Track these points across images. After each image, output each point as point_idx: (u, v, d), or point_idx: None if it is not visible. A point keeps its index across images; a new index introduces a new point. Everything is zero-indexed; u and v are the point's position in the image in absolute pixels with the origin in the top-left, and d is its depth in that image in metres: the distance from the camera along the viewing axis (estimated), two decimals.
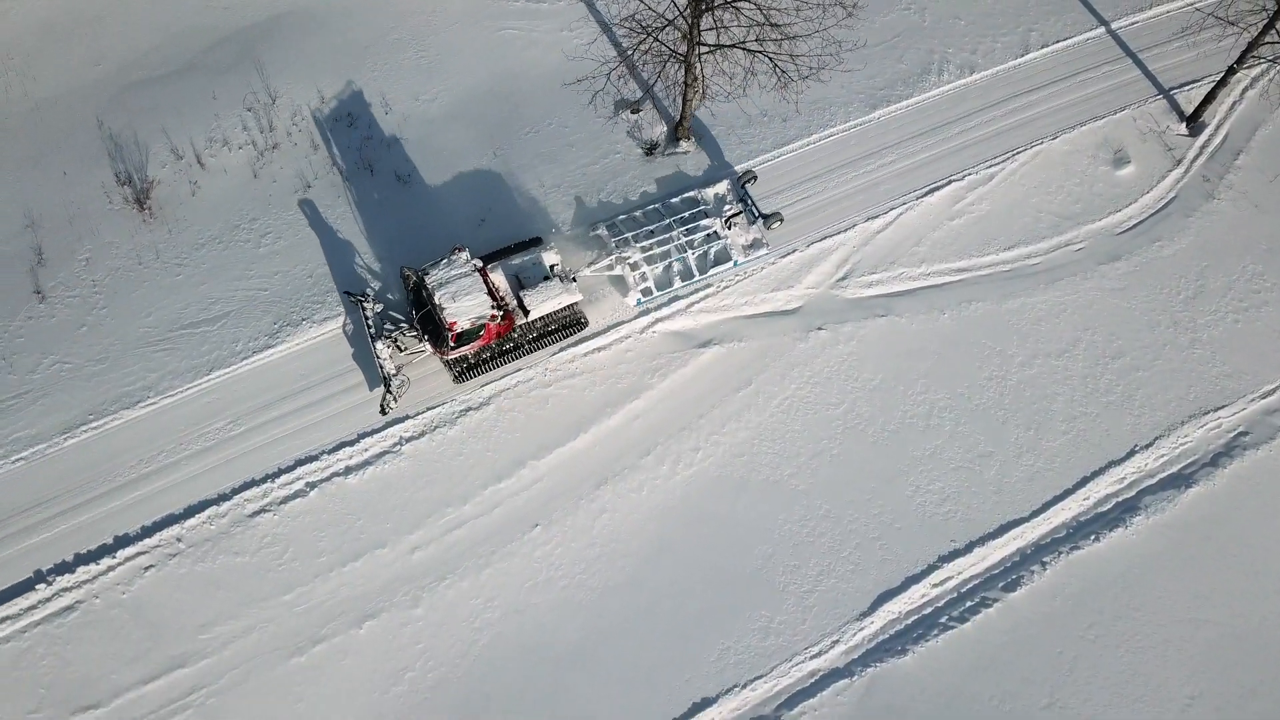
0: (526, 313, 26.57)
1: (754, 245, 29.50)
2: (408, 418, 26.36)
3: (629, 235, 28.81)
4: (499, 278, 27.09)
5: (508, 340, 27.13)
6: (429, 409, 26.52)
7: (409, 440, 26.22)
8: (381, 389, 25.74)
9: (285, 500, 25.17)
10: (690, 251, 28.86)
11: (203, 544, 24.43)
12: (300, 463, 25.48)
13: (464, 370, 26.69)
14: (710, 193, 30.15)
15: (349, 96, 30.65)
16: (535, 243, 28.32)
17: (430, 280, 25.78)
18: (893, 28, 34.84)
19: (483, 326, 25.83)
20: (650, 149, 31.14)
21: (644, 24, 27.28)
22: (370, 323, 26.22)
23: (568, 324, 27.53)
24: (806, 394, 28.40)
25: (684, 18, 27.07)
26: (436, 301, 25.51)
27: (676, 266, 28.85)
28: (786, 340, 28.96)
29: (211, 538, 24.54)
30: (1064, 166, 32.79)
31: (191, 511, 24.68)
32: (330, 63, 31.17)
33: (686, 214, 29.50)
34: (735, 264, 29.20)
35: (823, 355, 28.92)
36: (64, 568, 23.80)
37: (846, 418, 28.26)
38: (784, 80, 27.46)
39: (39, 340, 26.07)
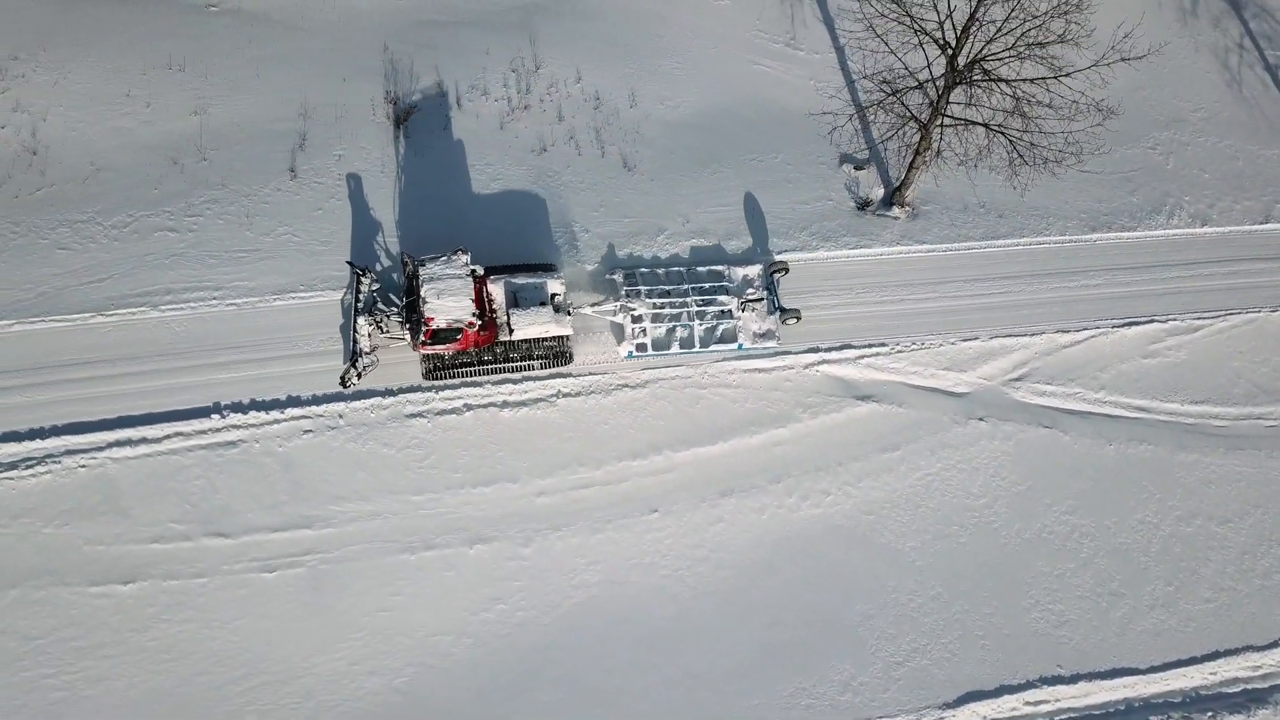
0: (510, 331, 27.13)
1: (766, 335, 29.25)
2: (570, 376, 28.28)
3: (642, 288, 28.97)
4: (498, 290, 27.53)
5: (488, 352, 27.46)
6: (590, 374, 28.38)
7: (566, 396, 28.03)
8: (350, 361, 26.32)
9: (441, 413, 27.30)
10: (698, 322, 28.82)
11: (360, 426, 26.78)
12: (465, 385, 27.63)
13: (437, 368, 27.18)
14: (739, 272, 30.05)
15: (602, 83, 33.46)
16: (549, 268, 28.80)
17: (423, 273, 26.42)
18: (1134, 161, 35.30)
19: (460, 331, 26.18)
20: (863, 205, 32.55)
21: (892, 84, 29.02)
22: (361, 298, 27.10)
23: (552, 354, 27.86)
24: (950, 477, 28.70)
25: (935, 85, 28.64)
26: (421, 295, 26.14)
27: (680, 332, 28.76)
28: (945, 420, 29.41)
29: (369, 424, 26.87)
30: (1277, 340, 32.22)
31: (359, 396, 27.05)
32: (595, 50, 34.17)
33: (707, 285, 29.54)
34: (740, 348, 28.95)
35: (977, 445, 29.22)
36: (239, 408, 26.52)
37: (984, 512, 28.36)
38: (1017, 166, 28.52)
39: (280, 211, 29.40)
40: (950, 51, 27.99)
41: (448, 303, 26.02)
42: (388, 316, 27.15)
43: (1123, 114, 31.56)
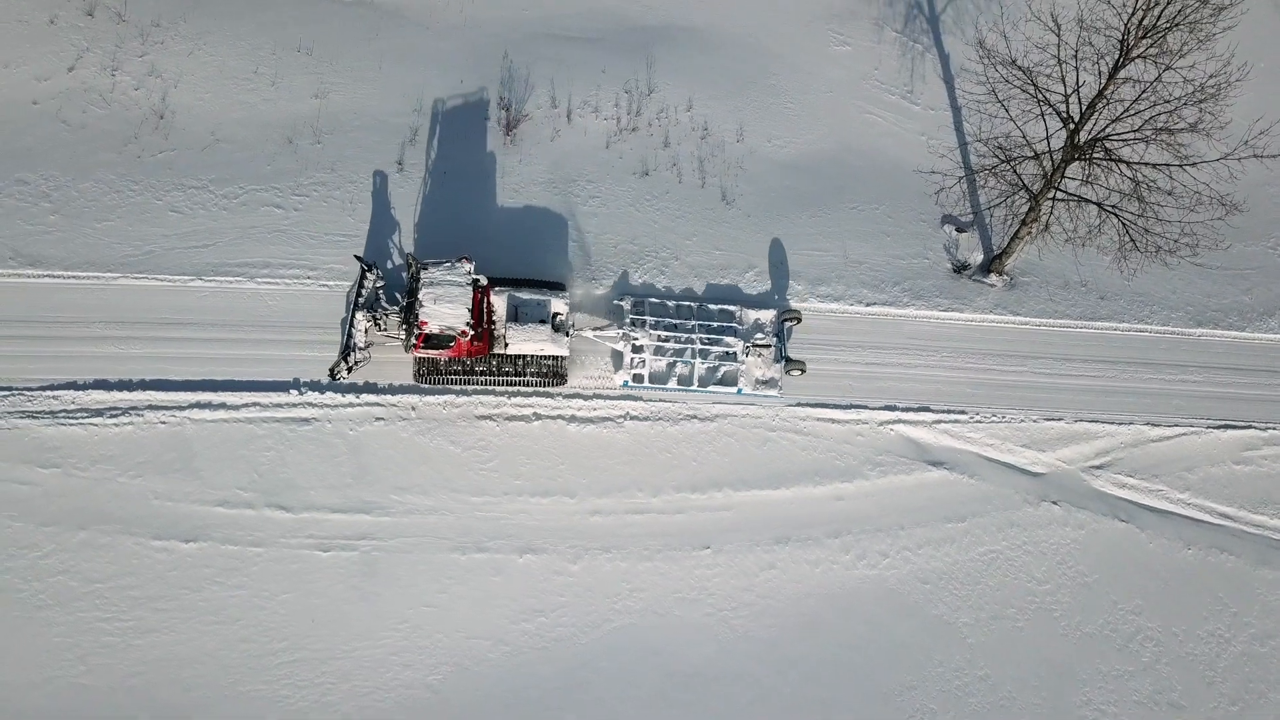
0: (505, 345, 27.41)
1: (768, 383, 28.62)
2: (641, 401, 28.48)
3: (648, 318, 28.87)
4: (500, 302, 27.73)
5: (481, 363, 27.65)
6: (661, 401, 28.49)
7: (633, 419, 28.24)
8: (340, 354, 26.50)
9: (511, 419, 27.75)
10: (700, 360, 28.47)
11: (431, 421, 27.37)
12: (538, 394, 28.09)
13: (427, 372, 27.43)
14: (751, 315, 29.46)
15: (712, 114, 33.77)
16: (558, 287, 28.80)
17: (424, 277, 26.48)
18: (1252, 259, 34.24)
19: (452, 338, 26.34)
20: (959, 269, 32.16)
21: (1007, 150, 28.67)
22: (364, 292, 27.35)
23: (547, 373, 27.95)
24: (1015, 557, 28.06)
25: (1051, 158, 28.22)
26: (418, 298, 26.27)
27: (680, 368, 28.44)
28: (1017, 498, 28.79)
29: (440, 419, 27.45)
30: None
31: (434, 391, 27.74)
32: (709, 82, 34.53)
33: (715, 324, 29.17)
34: (739, 392, 28.46)
35: (1047, 529, 28.52)
36: (317, 386, 27.31)
37: (1045, 598, 27.65)
38: (1127, 250, 27.89)
39: (381, 199, 30.33)
40: (1072, 126, 27.57)
41: (443, 309, 26.13)
42: (387, 315, 27.43)
43: (1247, 210, 30.61)
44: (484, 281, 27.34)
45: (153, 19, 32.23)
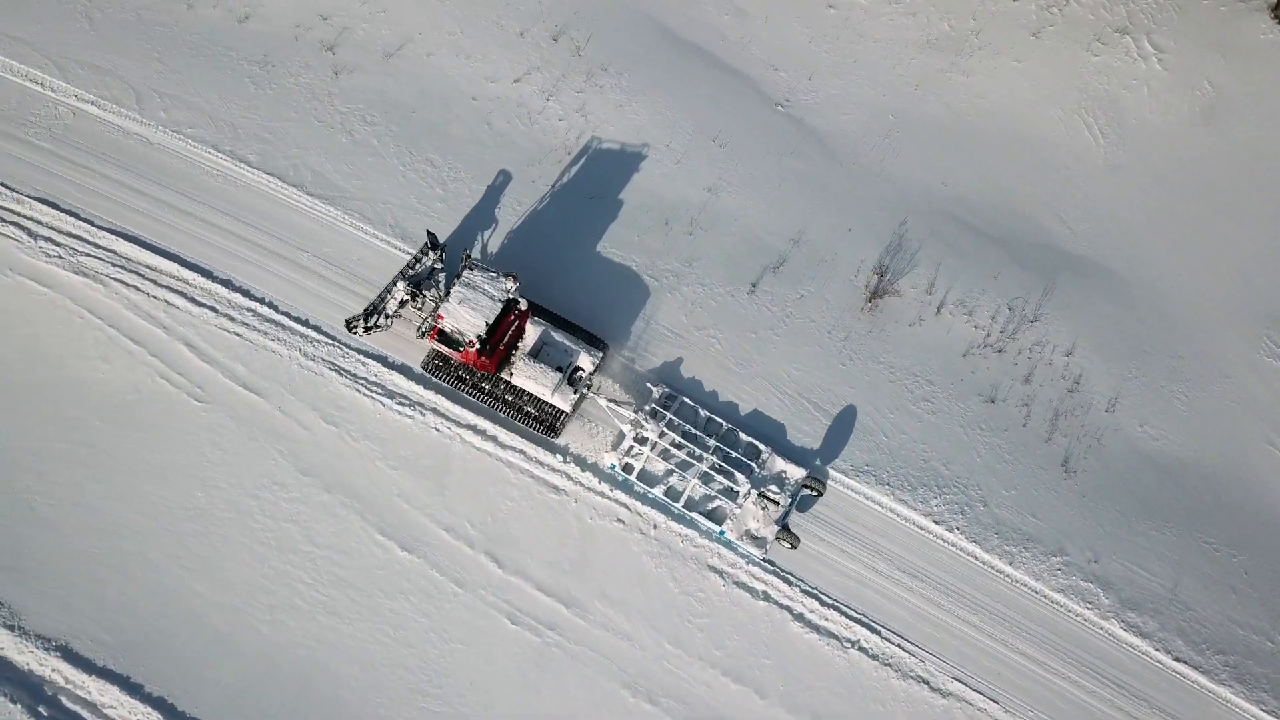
0: (511, 373, 27.31)
1: (757, 540, 26.76)
2: (878, 634, 26.43)
3: (669, 416, 27.67)
4: (531, 331, 28.04)
5: (487, 381, 28.00)
6: (899, 648, 26.30)
7: (862, 650, 26.11)
8: (364, 310, 27.19)
9: (740, 584, 26.75)
10: (699, 483, 27.24)
11: (664, 546, 26.96)
12: (770, 573, 26.88)
13: (436, 366, 28.09)
14: (778, 464, 27.78)
15: (1091, 370, 31.02)
16: (596, 343, 28.55)
17: (464, 277, 26.79)
18: None
19: (460, 344, 26.64)
20: None
21: None
22: (416, 267, 28.12)
23: (542, 419, 27.79)
24: None
25: None
26: (450, 292, 26.58)
27: (675, 481, 27.42)
28: None
29: (672, 550, 26.97)
30: None
31: (677, 518, 27.32)
32: (1103, 334, 31.82)
33: (735, 455, 27.49)
34: (720, 534, 26.93)
35: None
36: (582, 463, 27.83)
37: None
38: None
39: (721, 316, 30.41)
40: None
41: (465, 312, 26.47)
42: (426, 294, 28.10)
43: None
44: (524, 305, 27.68)
45: (603, 63, 34.69)
